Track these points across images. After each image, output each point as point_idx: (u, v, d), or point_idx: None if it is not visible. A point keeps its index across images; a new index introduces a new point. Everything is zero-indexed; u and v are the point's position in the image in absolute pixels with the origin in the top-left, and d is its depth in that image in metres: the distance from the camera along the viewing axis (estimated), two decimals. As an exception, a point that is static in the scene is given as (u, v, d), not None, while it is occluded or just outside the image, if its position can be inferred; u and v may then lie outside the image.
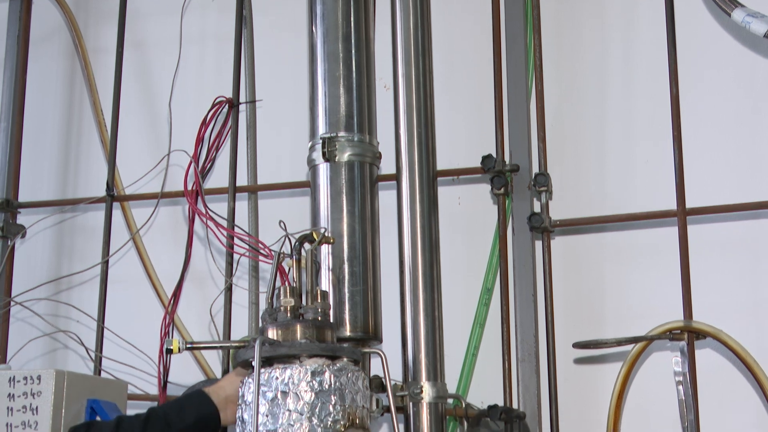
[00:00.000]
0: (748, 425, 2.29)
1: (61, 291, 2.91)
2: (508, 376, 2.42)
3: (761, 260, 2.38)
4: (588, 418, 2.40)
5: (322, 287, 2.28)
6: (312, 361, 2.00)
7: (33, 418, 2.20)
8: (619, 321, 2.44)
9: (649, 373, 2.39)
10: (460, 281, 2.55)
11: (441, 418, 2.35)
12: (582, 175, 2.55)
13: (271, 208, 2.69)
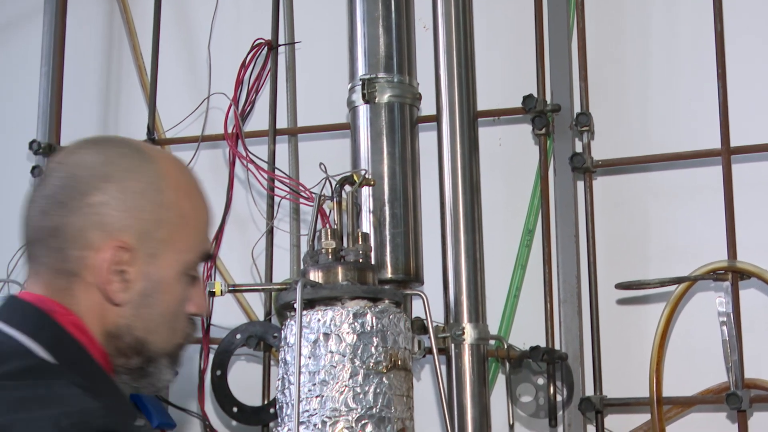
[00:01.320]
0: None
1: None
2: (550, 317, 2.41)
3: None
4: (630, 358, 2.38)
5: (363, 229, 2.28)
6: (353, 303, 2.00)
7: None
8: (662, 261, 2.41)
9: (692, 314, 2.36)
10: (501, 223, 2.53)
11: (483, 360, 2.36)
12: (624, 115, 2.52)
13: (311, 150, 2.68)
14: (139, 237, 1.53)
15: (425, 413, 2.50)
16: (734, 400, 2.21)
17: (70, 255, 1.53)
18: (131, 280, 1.53)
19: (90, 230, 1.52)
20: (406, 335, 2.05)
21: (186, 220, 1.59)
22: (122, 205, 1.53)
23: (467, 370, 2.34)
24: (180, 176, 1.62)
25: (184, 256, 1.59)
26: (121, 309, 1.53)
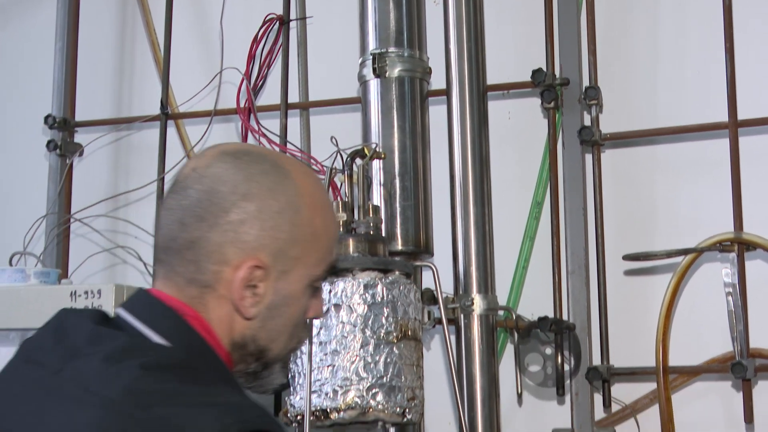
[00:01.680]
0: (797, 336, 2.27)
1: (119, 208, 2.94)
2: (558, 288, 2.43)
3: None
4: (637, 329, 2.40)
5: (373, 202, 2.29)
6: (364, 274, 2.02)
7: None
8: (669, 233, 2.42)
9: (698, 285, 2.38)
10: (510, 195, 2.55)
11: (492, 330, 2.38)
12: (632, 88, 2.53)
13: (323, 124, 2.70)
14: (274, 256, 1.57)
15: (435, 383, 2.52)
16: (739, 369, 2.23)
17: (205, 268, 1.56)
18: (262, 294, 1.56)
19: (227, 247, 1.55)
20: (416, 306, 2.07)
21: (317, 237, 1.62)
22: (261, 225, 1.56)
23: (476, 341, 2.36)
24: (315, 193, 1.64)
25: (313, 271, 1.62)
26: (250, 321, 1.58)
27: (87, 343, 1.52)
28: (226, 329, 1.58)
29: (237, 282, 1.54)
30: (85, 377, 1.47)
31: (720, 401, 2.35)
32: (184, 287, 1.57)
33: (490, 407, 2.35)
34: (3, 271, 2.38)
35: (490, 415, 2.35)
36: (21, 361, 1.59)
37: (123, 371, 1.45)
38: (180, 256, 1.57)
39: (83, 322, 1.58)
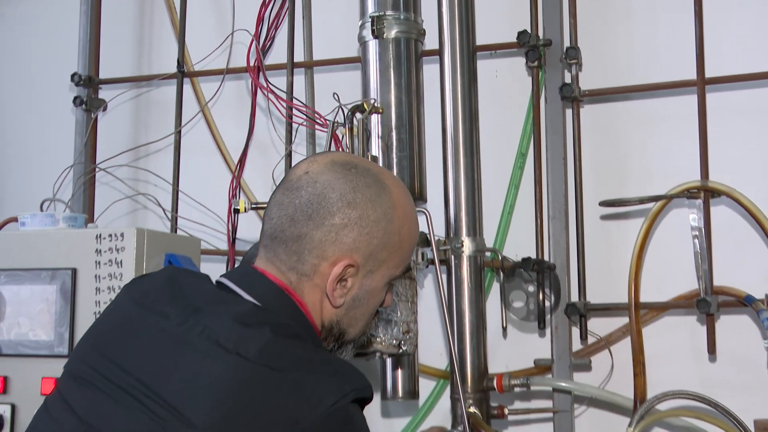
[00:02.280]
0: (756, 274, 2.29)
1: (140, 158, 2.95)
2: (540, 232, 2.44)
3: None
4: (612, 269, 2.42)
5: (372, 153, 2.30)
6: (363, 218, 2.03)
7: (118, 270, 2.26)
8: (641, 182, 2.43)
9: (667, 229, 2.39)
10: (497, 147, 2.55)
11: (479, 269, 2.39)
12: (609, 48, 2.53)
13: (326, 81, 2.70)
14: (366, 257, 1.68)
15: (428, 317, 2.55)
16: (704, 305, 2.24)
17: (306, 259, 1.66)
18: (350, 288, 1.69)
19: (328, 245, 1.66)
20: (410, 247, 2.08)
21: (402, 244, 1.73)
22: (359, 230, 1.67)
23: (465, 279, 2.37)
24: (406, 205, 1.75)
25: (394, 271, 1.74)
26: (337, 309, 1.70)
27: (207, 303, 1.61)
28: (318, 313, 1.69)
29: (332, 276, 1.66)
30: (215, 333, 1.55)
31: (686, 334, 2.37)
32: (286, 272, 1.68)
33: (478, 339, 2.36)
34: (34, 216, 2.39)
35: (478, 346, 2.36)
36: (140, 308, 1.65)
37: (255, 333, 1.55)
38: (285, 246, 1.67)
39: (199, 282, 1.69)
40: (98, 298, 2.26)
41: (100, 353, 1.62)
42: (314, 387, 1.51)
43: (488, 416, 2.35)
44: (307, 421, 1.48)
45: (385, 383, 2.35)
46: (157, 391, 1.52)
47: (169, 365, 1.55)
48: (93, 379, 1.59)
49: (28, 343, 2.29)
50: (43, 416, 1.63)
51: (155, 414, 1.51)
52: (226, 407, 1.49)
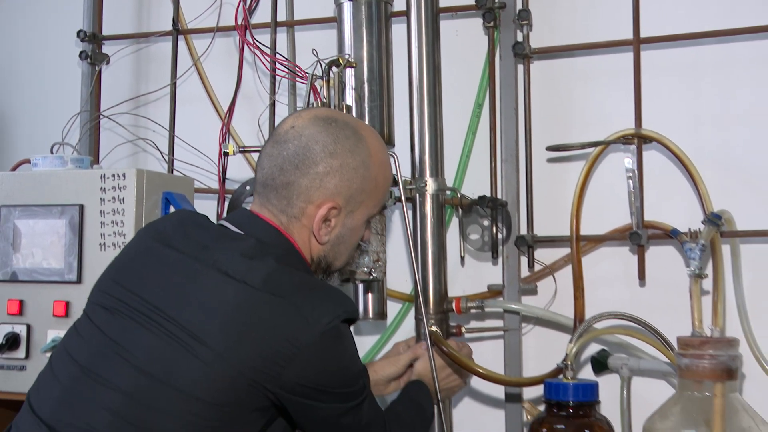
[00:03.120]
0: (682, 211, 2.32)
1: (140, 107, 2.94)
2: (494, 173, 2.45)
3: (701, 82, 2.36)
4: (556, 205, 2.43)
5: (347, 103, 2.30)
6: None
7: (120, 206, 2.27)
8: (583, 129, 2.44)
9: (605, 171, 2.40)
10: (457, 99, 2.55)
11: (441, 206, 2.40)
12: (556, 10, 2.52)
13: (306, 39, 2.68)
14: (347, 200, 1.74)
15: (396, 248, 2.57)
16: (636, 237, 2.27)
17: (295, 204, 1.73)
18: (333, 226, 1.75)
19: (314, 190, 1.72)
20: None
21: (378, 187, 1.80)
22: (340, 177, 1.73)
23: (429, 215, 2.38)
24: (381, 153, 1.81)
25: (371, 210, 1.81)
26: (323, 246, 1.76)
27: (214, 240, 1.67)
28: (307, 249, 1.75)
29: (317, 217, 1.72)
30: (224, 265, 1.61)
31: (620, 263, 2.39)
32: (278, 215, 1.74)
33: (439, 267, 2.37)
34: (45, 158, 2.39)
35: (439, 273, 2.37)
36: (157, 244, 1.70)
37: (260, 264, 1.62)
38: (276, 192, 1.73)
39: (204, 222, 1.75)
40: (103, 231, 2.27)
41: (122, 285, 1.67)
42: (311, 309, 1.57)
43: (447, 334, 2.37)
44: (305, 338, 1.56)
45: (357, 305, 2.36)
46: (174, 316, 1.57)
47: (183, 294, 1.59)
48: (120, 308, 1.64)
49: (42, 271, 2.30)
50: (74, 337, 1.68)
51: (173, 335, 1.57)
52: (235, 329, 1.55)
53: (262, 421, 1.61)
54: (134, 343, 1.58)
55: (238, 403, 1.55)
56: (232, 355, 1.54)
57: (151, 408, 1.54)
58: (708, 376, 1.92)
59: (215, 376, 1.53)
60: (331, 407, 1.64)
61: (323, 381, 1.60)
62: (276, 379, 1.55)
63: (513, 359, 2.39)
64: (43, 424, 1.58)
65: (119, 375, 1.56)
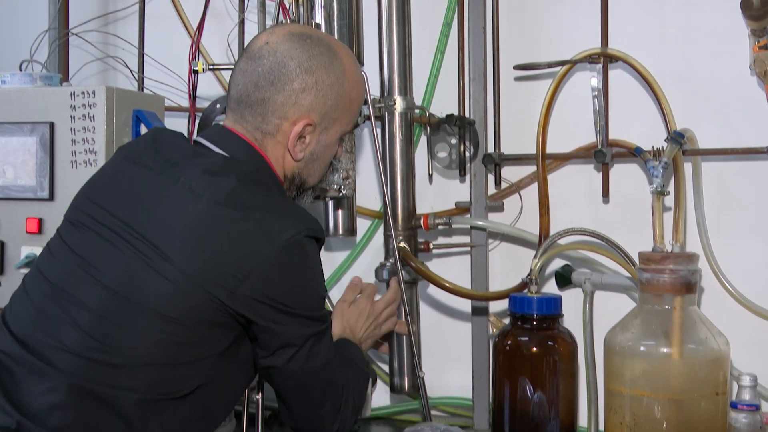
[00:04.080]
0: (646, 130, 2.30)
1: (108, 24, 2.87)
2: (462, 92, 2.43)
3: (665, 1, 2.33)
4: (523, 124, 2.42)
5: (316, 20, 2.25)
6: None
7: (91, 124, 2.24)
8: (551, 49, 2.40)
9: (572, 89, 2.38)
10: (426, 17, 2.51)
11: (409, 125, 2.38)
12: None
13: (275, -44, 2.61)
14: (321, 116, 1.72)
15: (365, 166, 2.56)
16: (600, 155, 2.27)
17: (269, 120, 1.70)
18: (308, 143, 1.73)
19: (289, 107, 1.70)
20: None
21: (352, 103, 1.78)
22: (315, 93, 1.70)
23: (397, 133, 2.36)
24: (354, 70, 1.79)
25: (345, 127, 1.79)
26: (297, 163, 1.75)
27: (183, 157, 1.66)
28: (281, 165, 1.74)
29: (293, 133, 1.70)
30: (189, 181, 1.60)
31: (584, 180, 2.39)
32: (252, 131, 1.72)
33: (408, 185, 2.37)
34: (14, 75, 2.35)
35: (408, 191, 2.37)
36: (127, 162, 1.70)
37: (224, 180, 1.60)
38: (251, 108, 1.71)
39: (177, 140, 1.74)
40: (74, 149, 2.24)
41: (93, 201, 1.66)
42: (273, 225, 1.56)
43: (416, 250, 2.38)
44: (264, 251, 1.55)
45: (327, 222, 2.36)
46: (141, 231, 1.57)
47: (150, 209, 1.59)
48: (88, 223, 1.64)
49: (14, 188, 2.28)
50: (46, 255, 1.68)
51: (138, 250, 1.57)
52: (196, 244, 1.55)
53: (228, 339, 1.60)
54: (101, 259, 1.58)
55: (203, 320, 1.55)
56: (193, 270, 1.53)
57: (120, 326, 1.54)
58: (668, 289, 1.94)
59: (178, 293, 1.53)
60: (291, 332, 1.61)
61: (282, 298, 1.58)
62: (233, 294, 1.54)
63: (479, 274, 2.41)
64: (15, 340, 1.58)
65: (87, 293, 1.56)
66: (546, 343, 2.08)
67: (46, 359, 1.53)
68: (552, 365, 2.07)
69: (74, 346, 1.53)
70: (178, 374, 1.56)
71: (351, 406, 1.76)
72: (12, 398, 1.53)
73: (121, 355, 1.52)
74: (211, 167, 1.62)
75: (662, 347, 1.93)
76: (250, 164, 1.67)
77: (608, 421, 2.00)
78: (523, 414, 2.07)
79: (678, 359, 1.91)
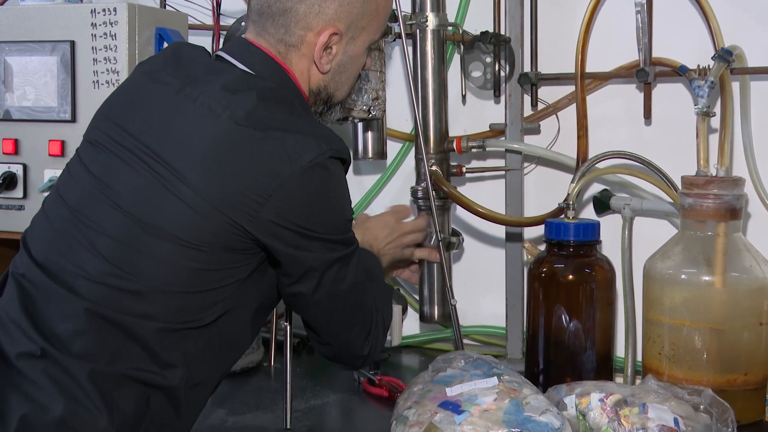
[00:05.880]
0: (691, 47, 2.22)
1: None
2: (498, 7, 2.36)
3: None
4: (562, 42, 2.35)
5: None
6: None
7: (113, 42, 2.19)
8: (592, -38, 2.32)
9: (613, 5, 2.30)
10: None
11: (442, 42, 2.33)
12: None
13: None
14: (347, 25, 1.67)
15: (395, 87, 2.50)
16: (642, 74, 2.20)
17: (292, 32, 1.65)
18: (335, 54, 1.68)
19: (312, 17, 1.64)
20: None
21: (379, 10, 1.72)
22: (339, 1, 1.65)
23: (429, 51, 2.31)
24: None
25: (372, 36, 1.73)
26: (324, 75, 1.69)
27: (204, 73, 1.60)
28: (306, 80, 1.68)
29: (318, 44, 1.65)
30: (207, 99, 1.55)
31: (625, 101, 2.33)
32: (275, 44, 1.66)
33: (440, 106, 2.33)
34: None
35: (440, 112, 2.33)
36: (146, 78, 1.66)
37: (243, 98, 1.54)
38: (273, 20, 1.65)
39: (198, 55, 1.67)
40: (96, 68, 2.20)
41: (111, 120, 1.62)
42: (295, 145, 1.52)
43: (448, 174, 2.35)
44: (286, 173, 1.49)
45: (357, 144, 2.33)
46: (158, 151, 1.54)
47: (167, 129, 1.56)
48: (106, 143, 1.60)
49: (36, 109, 2.26)
50: (66, 176, 1.65)
51: (156, 172, 1.52)
52: (214, 165, 1.52)
53: (251, 266, 1.56)
54: (119, 182, 1.55)
55: (222, 246, 1.51)
56: (210, 194, 1.49)
57: (139, 252, 1.51)
58: (711, 215, 1.90)
59: (196, 217, 1.49)
60: (316, 257, 1.55)
61: (305, 222, 1.52)
62: (254, 218, 1.49)
63: (514, 199, 2.37)
64: (35, 264, 1.56)
65: (106, 218, 1.53)
66: (583, 271, 2.05)
67: (66, 285, 1.51)
68: (589, 293, 2.04)
69: (94, 272, 1.51)
70: (199, 302, 1.53)
71: (381, 327, 1.73)
72: (35, 323, 1.51)
73: (140, 281, 1.50)
74: (231, 84, 1.57)
75: (704, 275, 1.89)
76: (272, 80, 1.62)
77: (646, 351, 1.98)
78: (558, 343, 2.05)
79: (720, 287, 1.87)
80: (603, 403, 1.68)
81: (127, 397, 1.49)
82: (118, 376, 1.49)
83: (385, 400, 2.11)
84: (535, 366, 2.09)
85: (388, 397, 2.11)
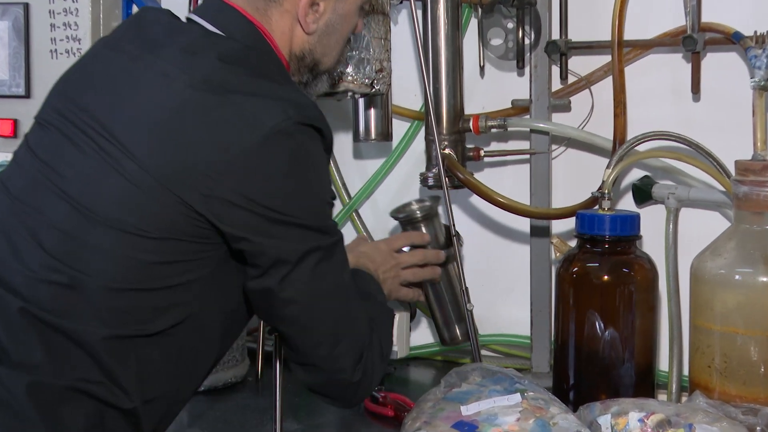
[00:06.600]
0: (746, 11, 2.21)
1: None
2: (522, -35, 2.35)
3: None
4: (595, 4, 2.34)
5: None
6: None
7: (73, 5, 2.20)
8: None
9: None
10: None
11: (457, 5, 2.31)
12: None
13: None
14: None
15: (402, 56, 2.50)
16: (690, 42, 2.19)
17: None
18: (322, 12, 1.68)
19: None
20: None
21: None
22: None
23: (442, 16, 2.29)
24: None
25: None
26: (309, 36, 1.69)
27: (165, 36, 1.59)
28: (287, 41, 1.67)
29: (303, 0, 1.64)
30: (164, 63, 1.53)
31: (670, 73, 2.32)
32: (253, 1, 1.65)
33: (454, 79, 2.32)
34: (-20, -54, 2.29)
35: (454, 86, 2.32)
36: (105, 48, 1.65)
37: (202, 60, 1.52)
38: None
39: (161, 16, 1.65)
40: (54, 35, 2.21)
41: (65, 95, 1.62)
42: (254, 110, 1.49)
43: (464, 158, 2.34)
44: (244, 143, 1.47)
45: (358, 124, 2.32)
46: (108, 127, 1.54)
47: (119, 101, 1.56)
48: (55, 122, 1.59)
49: (-16, 83, 2.27)
50: (11, 164, 1.65)
51: (104, 151, 1.51)
52: (164, 136, 1.50)
53: (213, 260, 1.52)
54: (65, 164, 1.54)
55: (174, 233, 1.47)
56: (156, 167, 1.45)
57: (85, 244, 1.49)
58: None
59: (142, 197, 1.46)
60: (282, 245, 1.48)
61: (268, 202, 1.46)
62: (207, 197, 1.45)
63: (540, 187, 2.37)
64: None
65: (51, 208, 1.52)
66: (620, 270, 2.05)
67: (7, 285, 1.50)
68: (627, 297, 2.04)
69: (35, 267, 1.49)
70: (152, 302, 1.49)
71: (378, 353, 1.63)
72: None
73: (84, 277, 1.47)
74: (191, 45, 1.55)
75: (761, 276, 1.88)
76: (240, 41, 1.60)
77: (694, 364, 1.97)
78: (592, 355, 2.04)
79: (781, 290, 1.86)
80: (643, 423, 1.68)
81: (75, 414, 1.47)
82: (63, 389, 1.46)
83: (391, 420, 2.10)
84: (565, 381, 2.08)
85: (394, 417, 2.10)
